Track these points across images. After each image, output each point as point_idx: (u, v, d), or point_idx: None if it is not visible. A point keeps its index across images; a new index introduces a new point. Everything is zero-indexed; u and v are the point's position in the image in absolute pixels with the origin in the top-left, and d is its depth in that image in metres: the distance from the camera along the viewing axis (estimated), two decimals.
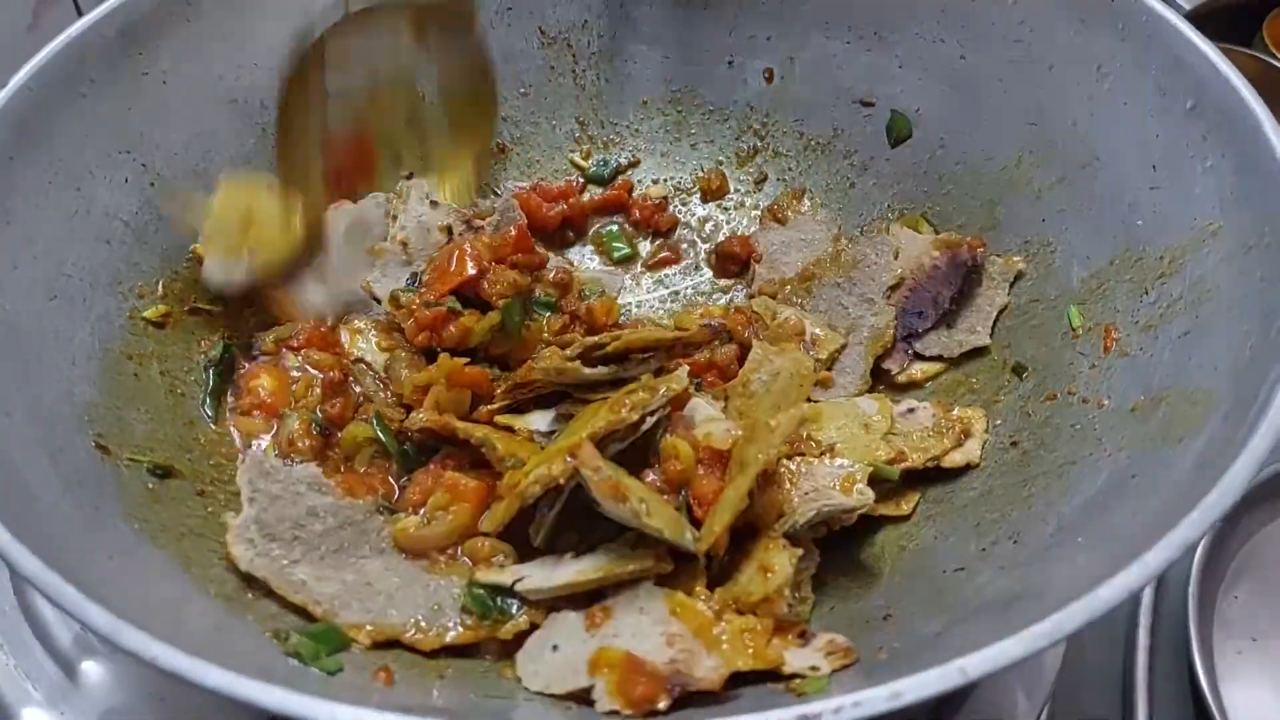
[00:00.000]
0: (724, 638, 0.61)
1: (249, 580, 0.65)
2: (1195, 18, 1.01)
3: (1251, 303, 0.65)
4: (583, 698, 0.59)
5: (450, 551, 0.70)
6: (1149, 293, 0.74)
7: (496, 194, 0.99)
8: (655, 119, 1.01)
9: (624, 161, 1.02)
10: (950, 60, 0.89)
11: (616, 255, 0.98)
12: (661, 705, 0.57)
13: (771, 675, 0.61)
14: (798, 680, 0.59)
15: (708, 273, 0.99)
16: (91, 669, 0.77)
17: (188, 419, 0.78)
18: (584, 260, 0.99)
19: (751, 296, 0.93)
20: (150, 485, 0.70)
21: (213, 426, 0.78)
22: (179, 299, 0.82)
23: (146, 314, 0.79)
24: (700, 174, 1.01)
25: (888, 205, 0.95)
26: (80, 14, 0.79)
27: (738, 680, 0.60)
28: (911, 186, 0.94)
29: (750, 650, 0.60)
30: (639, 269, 0.99)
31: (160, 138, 0.82)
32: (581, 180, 1.01)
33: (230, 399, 0.81)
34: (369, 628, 0.64)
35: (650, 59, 1.00)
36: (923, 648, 0.59)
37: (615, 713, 0.57)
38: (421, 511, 0.71)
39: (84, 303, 0.75)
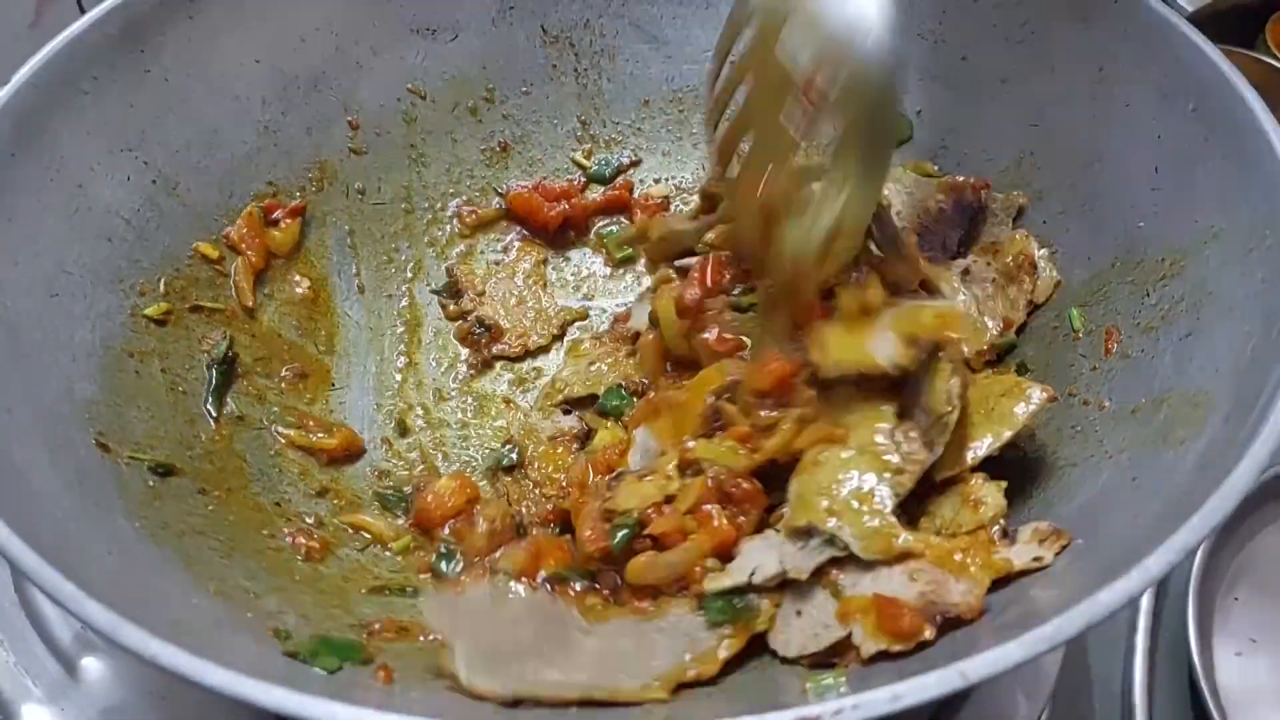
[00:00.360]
0: (965, 560, 0.61)
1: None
2: (1197, 20, 1.01)
3: (1253, 305, 0.65)
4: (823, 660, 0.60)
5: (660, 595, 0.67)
6: (1150, 295, 0.74)
7: (498, 193, 0.99)
8: (657, 118, 1.01)
9: (626, 161, 1.02)
10: (951, 61, 0.89)
11: (618, 256, 0.98)
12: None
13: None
14: (811, 682, 0.58)
15: None
16: (92, 665, 0.77)
17: (189, 417, 0.78)
18: (585, 261, 0.99)
19: None
20: (150, 483, 0.70)
21: (214, 425, 0.79)
22: (180, 296, 0.82)
23: (147, 311, 0.79)
24: (702, 173, 1.01)
25: None
26: (82, 11, 0.79)
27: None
28: None
29: (985, 565, 0.61)
30: (640, 269, 0.99)
31: (162, 135, 0.82)
32: (583, 180, 1.01)
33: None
34: (654, 684, 0.60)
35: (652, 58, 1.00)
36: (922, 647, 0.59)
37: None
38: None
39: (85, 300, 0.75)
